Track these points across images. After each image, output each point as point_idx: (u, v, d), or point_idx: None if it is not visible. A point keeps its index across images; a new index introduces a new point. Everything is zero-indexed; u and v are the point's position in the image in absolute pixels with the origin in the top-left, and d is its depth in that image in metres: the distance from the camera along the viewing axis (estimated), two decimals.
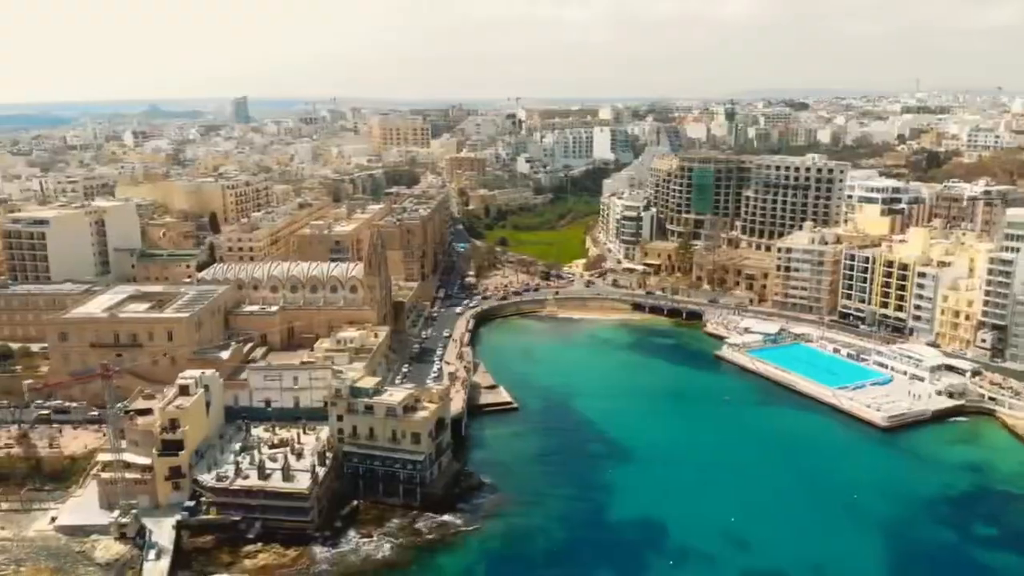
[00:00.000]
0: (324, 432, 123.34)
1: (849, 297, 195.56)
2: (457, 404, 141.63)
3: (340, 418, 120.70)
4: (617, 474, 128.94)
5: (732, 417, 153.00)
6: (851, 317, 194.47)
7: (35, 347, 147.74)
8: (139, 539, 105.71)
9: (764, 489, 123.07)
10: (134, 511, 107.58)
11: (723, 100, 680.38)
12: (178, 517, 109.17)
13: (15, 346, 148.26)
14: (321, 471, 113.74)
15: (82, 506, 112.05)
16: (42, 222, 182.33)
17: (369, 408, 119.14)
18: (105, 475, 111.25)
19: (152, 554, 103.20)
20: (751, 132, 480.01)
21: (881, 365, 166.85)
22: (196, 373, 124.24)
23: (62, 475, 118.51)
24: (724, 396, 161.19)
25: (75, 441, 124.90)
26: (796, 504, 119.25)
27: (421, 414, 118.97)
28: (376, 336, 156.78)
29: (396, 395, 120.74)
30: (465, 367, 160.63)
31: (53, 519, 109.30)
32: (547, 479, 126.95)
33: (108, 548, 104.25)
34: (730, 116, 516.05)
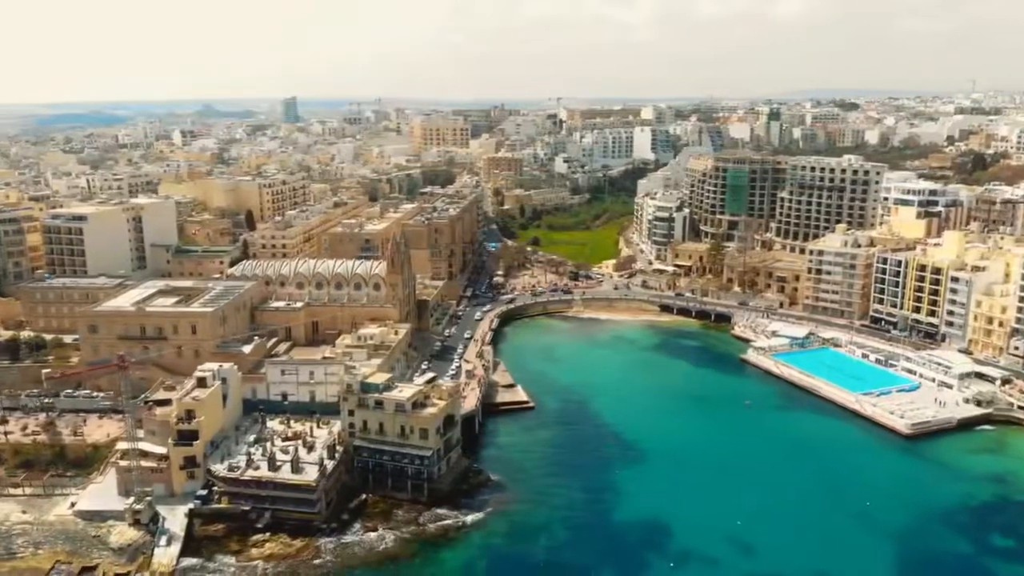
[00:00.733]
0: (337, 426, 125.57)
1: (881, 302, 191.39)
2: (471, 402, 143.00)
3: (351, 413, 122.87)
4: (627, 475, 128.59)
5: (751, 421, 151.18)
6: (883, 322, 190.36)
7: (68, 339, 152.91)
8: (152, 525, 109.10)
9: (775, 494, 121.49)
10: (148, 498, 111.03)
11: (774, 100, 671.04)
12: (191, 505, 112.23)
13: (48, 337, 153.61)
14: (329, 464, 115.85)
15: (101, 492, 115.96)
16: (80, 218, 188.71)
17: (379, 403, 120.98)
18: (123, 463, 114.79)
19: (163, 540, 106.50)
20: (796, 133, 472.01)
21: (909, 371, 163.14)
22: (214, 366, 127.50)
23: (84, 462, 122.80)
24: (745, 400, 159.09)
25: (99, 430, 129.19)
26: (806, 510, 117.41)
27: (429, 410, 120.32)
28: (396, 333, 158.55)
29: (405, 391, 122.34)
30: (484, 365, 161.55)
31: (73, 504, 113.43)
32: (556, 478, 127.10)
33: (122, 533, 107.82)
34: (775, 116, 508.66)
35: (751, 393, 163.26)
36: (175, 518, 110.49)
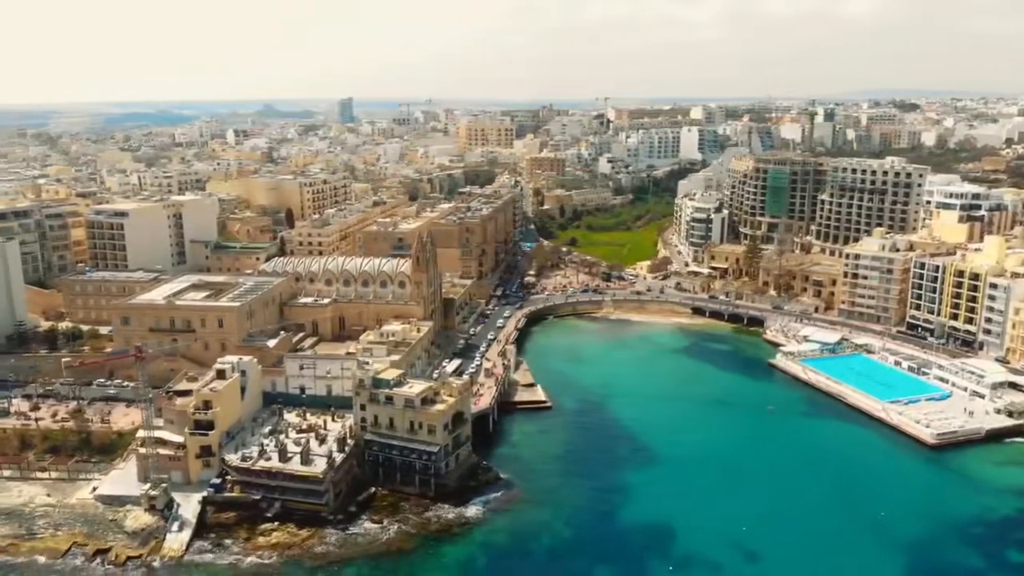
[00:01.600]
0: (351, 420, 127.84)
1: (918, 308, 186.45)
2: (486, 400, 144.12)
3: (363, 407, 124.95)
4: (637, 476, 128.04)
5: (771, 427, 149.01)
6: (919, 329, 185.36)
7: (103, 330, 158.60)
8: (167, 511, 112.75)
9: (786, 501, 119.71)
10: (164, 485, 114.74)
11: (834, 100, 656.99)
12: (204, 493, 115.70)
13: (85, 328, 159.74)
14: (338, 457, 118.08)
15: (122, 478, 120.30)
16: (121, 214, 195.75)
17: (389, 399, 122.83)
18: (142, 450, 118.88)
19: (175, 526, 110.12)
20: (850, 134, 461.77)
21: (942, 380, 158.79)
22: (234, 359, 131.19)
23: (109, 449, 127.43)
24: (768, 405, 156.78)
25: (124, 418, 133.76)
26: (815, 518, 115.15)
27: (438, 407, 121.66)
28: (418, 331, 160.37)
29: (415, 387, 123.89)
30: (504, 364, 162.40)
31: (94, 489, 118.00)
32: (565, 478, 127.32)
33: (138, 518, 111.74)
34: (829, 117, 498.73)
35: (776, 398, 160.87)
36: (189, 505, 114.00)
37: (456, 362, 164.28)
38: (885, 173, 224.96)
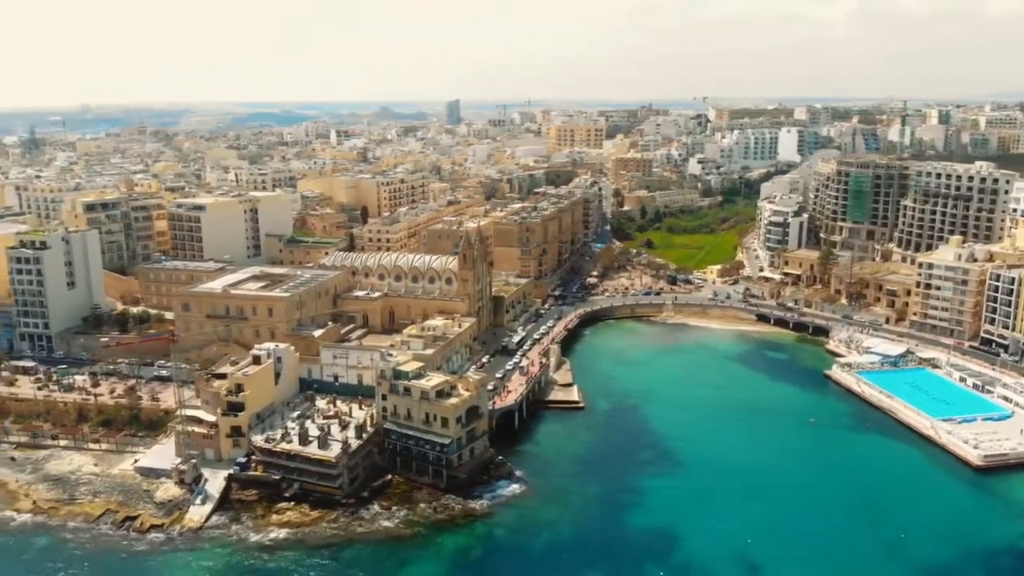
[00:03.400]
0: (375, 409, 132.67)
1: (992, 322, 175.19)
2: (514, 397, 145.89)
3: (384, 397, 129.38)
4: (654, 481, 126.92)
5: (809, 439, 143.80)
6: (993, 344, 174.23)
7: (169, 315, 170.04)
8: (195, 485, 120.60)
9: (803, 515, 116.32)
10: (193, 460, 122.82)
11: (966, 101, 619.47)
12: (230, 471, 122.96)
13: (153, 312, 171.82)
14: (355, 443, 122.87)
15: (162, 453, 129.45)
16: (199, 207, 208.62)
17: (407, 390, 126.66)
18: (179, 428, 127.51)
19: (199, 499, 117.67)
20: (964, 137, 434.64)
21: (1005, 399, 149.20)
22: (270, 346, 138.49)
23: (156, 425, 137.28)
24: (811, 417, 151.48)
25: (173, 397, 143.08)
26: (829, 534, 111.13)
27: (452, 400, 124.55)
28: (459, 326, 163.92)
29: (432, 380, 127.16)
30: (541, 363, 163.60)
31: (135, 461, 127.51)
32: (580, 478, 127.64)
33: (167, 490, 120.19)
34: (944, 119, 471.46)
35: (823, 411, 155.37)
36: (216, 481, 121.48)
37: (521, 333, 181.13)
38: (971, 178, 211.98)
